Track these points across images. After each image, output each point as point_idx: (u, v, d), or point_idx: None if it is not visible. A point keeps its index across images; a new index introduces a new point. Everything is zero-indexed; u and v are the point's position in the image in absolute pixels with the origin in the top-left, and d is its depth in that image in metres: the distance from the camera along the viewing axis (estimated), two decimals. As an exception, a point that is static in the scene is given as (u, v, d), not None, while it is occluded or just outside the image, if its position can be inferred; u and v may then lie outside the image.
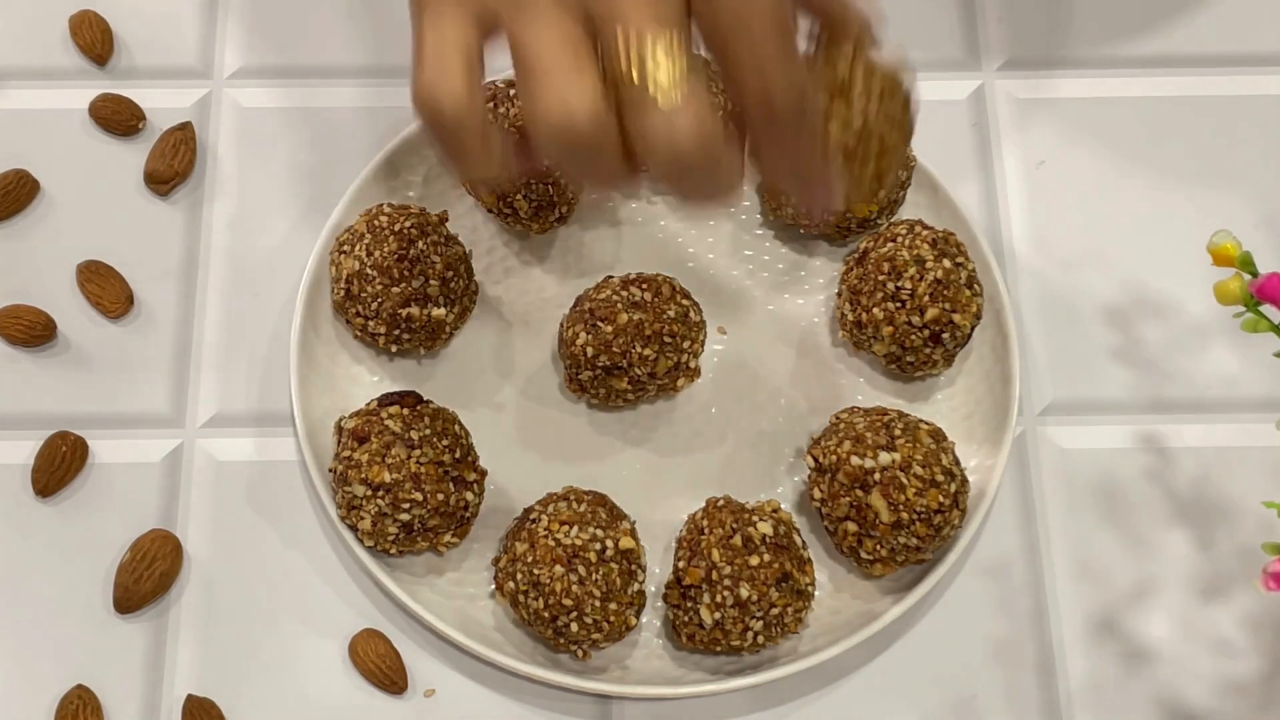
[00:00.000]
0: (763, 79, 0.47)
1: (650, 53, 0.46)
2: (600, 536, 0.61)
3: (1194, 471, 0.68)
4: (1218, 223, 0.62)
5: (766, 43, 0.47)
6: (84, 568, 0.65)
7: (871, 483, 0.61)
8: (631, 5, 0.46)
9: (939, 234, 0.67)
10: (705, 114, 0.47)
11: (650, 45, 0.46)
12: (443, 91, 0.48)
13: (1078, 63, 0.77)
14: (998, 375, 0.68)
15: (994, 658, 0.64)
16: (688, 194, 0.49)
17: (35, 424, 0.67)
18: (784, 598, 0.61)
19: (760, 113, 0.48)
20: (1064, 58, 0.77)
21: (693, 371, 0.66)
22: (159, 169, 0.72)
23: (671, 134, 0.46)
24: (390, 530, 0.62)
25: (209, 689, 0.63)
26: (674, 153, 0.47)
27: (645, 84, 0.46)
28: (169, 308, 0.70)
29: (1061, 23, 0.78)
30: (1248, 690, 0.64)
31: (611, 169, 0.48)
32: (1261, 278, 0.56)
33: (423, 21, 0.49)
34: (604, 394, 0.66)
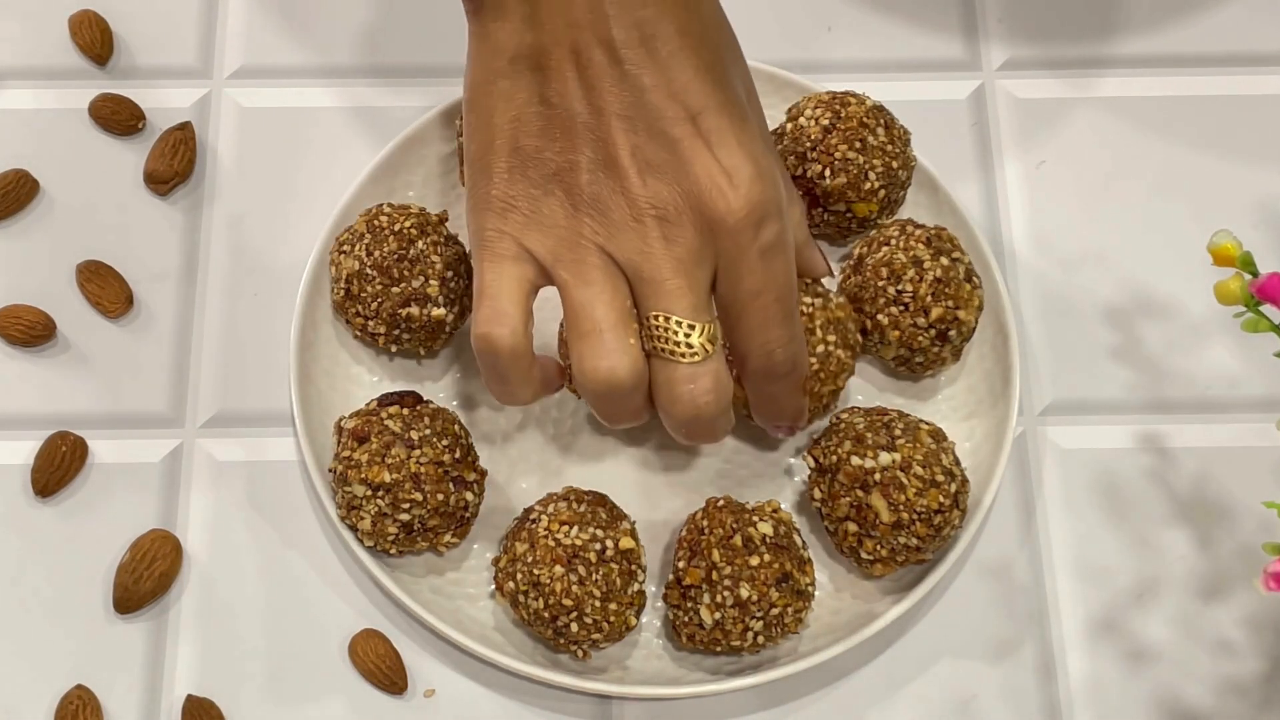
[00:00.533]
0: (767, 340, 0.56)
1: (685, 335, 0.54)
2: (600, 536, 0.61)
3: (1194, 471, 0.68)
4: (1218, 223, 0.62)
5: (774, 311, 0.56)
6: (84, 568, 0.65)
7: (872, 483, 0.61)
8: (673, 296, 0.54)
9: (931, 231, 0.67)
10: (721, 376, 0.56)
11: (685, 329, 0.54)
12: (499, 334, 0.55)
13: (1078, 63, 0.77)
14: (998, 375, 0.68)
15: (994, 658, 0.64)
16: (692, 438, 0.58)
17: (35, 424, 0.67)
18: (784, 598, 0.60)
19: (761, 369, 0.57)
20: (1064, 58, 0.77)
21: None
22: (159, 169, 0.72)
23: (693, 393, 0.55)
24: (390, 530, 0.62)
25: (209, 689, 0.63)
26: (695, 409, 0.56)
27: (678, 352, 0.55)
28: (169, 308, 0.70)
29: (1061, 23, 0.78)
30: (1248, 690, 0.64)
31: (633, 416, 0.57)
32: (1261, 278, 0.56)
33: (483, 265, 0.56)
34: None
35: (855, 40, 0.77)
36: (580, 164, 0.54)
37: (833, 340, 0.63)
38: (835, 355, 0.64)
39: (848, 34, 0.77)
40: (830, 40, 0.77)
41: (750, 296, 0.55)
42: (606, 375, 0.54)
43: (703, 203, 0.54)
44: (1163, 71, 0.76)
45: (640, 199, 0.54)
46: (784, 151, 0.69)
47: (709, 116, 0.54)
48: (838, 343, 0.64)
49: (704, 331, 0.55)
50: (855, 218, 0.69)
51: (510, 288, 0.55)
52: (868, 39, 0.77)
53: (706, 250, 0.54)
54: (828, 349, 0.63)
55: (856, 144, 0.68)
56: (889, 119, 0.69)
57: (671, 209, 0.54)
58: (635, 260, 0.54)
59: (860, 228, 0.70)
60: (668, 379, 0.55)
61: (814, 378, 0.63)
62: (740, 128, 0.55)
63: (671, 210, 0.54)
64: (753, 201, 0.54)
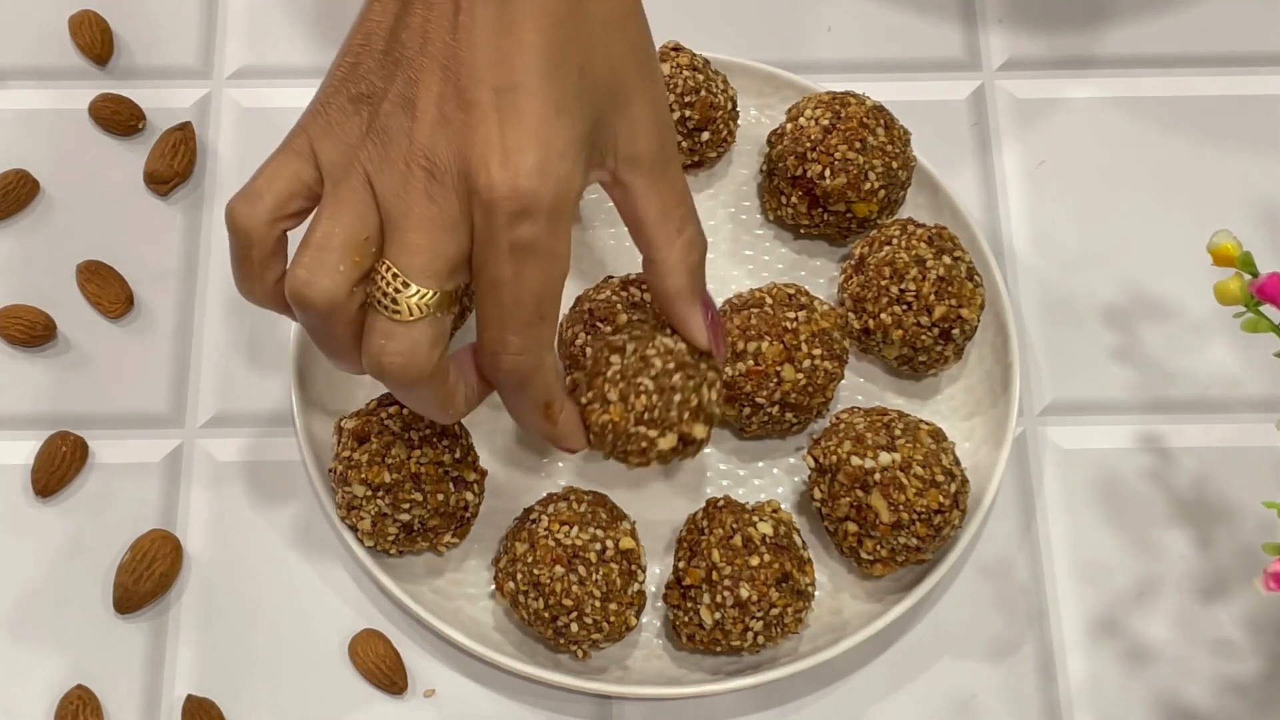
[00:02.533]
0: (494, 341, 0.55)
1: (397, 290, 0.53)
2: (600, 536, 0.61)
3: (1194, 471, 0.68)
4: (1218, 223, 0.62)
5: (511, 313, 0.54)
6: (84, 568, 0.65)
7: (871, 483, 0.61)
8: (407, 250, 0.53)
9: (932, 230, 0.67)
10: (419, 346, 0.54)
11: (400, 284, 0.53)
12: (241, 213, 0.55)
13: (1078, 63, 0.77)
14: (998, 375, 0.68)
15: (994, 658, 0.64)
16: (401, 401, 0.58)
17: (35, 424, 0.67)
18: (784, 598, 0.61)
19: (486, 367, 0.56)
20: (1064, 58, 0.77)
21: None
22: (159, 169, 0.72)
23: (381, 348, 0.54)
24: (390, 530, 0.62)
25: (209, 689, 0.63)
26: (378, 365, 0.54)
27: (384, 302, 0.53)
28: (169, 308, 0.70)
29: (1061, 23, 0.78)
30: (1248, 690, 0.64)
31: (338, 350, 0.56)
32: (1261, 278, 0.56)
33: (275, 152, 0.55)
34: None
35: (855, 40, 0.77)
36: (389, 94, 0.53)
37: (818, 353, 0.64)
38: (822, 368, 0.64)
39: (848, 34, 0.77)
40: (830, 40, 0.77)
41: (489, 287, 0.53)
42: (301, 286, 0.53)
43: (470, 171, 0.52)
44: (1163, 71, 0.77)
45: (418, 146, 0.52)
46: (784, 151, 0.69)
47: (519, 95, 0.52)
48: (823, 355, 0.64)
49: (420, 295, 0.53)
50: (855, 218, 0.69)
51: (279, 180, 0.54)
52: (868, 39, 0.77)
53: (463, 221, 0.52)
54: (814, 363, 0.63)
55: (856, 144, 0.68)
56: (889, 119, 0.69)
57: (441, 166, 0.52)
58: (390, 201, 0.53)
59: (860, 228, 0.70)
60: (368, 327, 0.54)
61: (802, 391, 0.64)
62: (549, 118, 0.52)
63: (440, 168, 0.52)
64: (518, 188, 0.51)
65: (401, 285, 0.53)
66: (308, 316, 0.54)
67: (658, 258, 0.58)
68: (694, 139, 0.70)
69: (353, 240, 0.53)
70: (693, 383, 0.59)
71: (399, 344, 0.54)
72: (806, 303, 0.65)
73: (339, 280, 0.53)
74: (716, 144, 0.71)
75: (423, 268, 0.53)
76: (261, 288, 0.56)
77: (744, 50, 0.74)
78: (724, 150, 0.72)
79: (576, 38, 0.53)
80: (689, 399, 0.58)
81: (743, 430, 0.66)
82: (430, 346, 0.54)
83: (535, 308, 0.54)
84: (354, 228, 0.53)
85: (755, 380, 0.64)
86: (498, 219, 0.52)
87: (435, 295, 0.53)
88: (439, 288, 0.53)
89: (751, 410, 0.65)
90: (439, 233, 0.52)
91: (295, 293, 0.53)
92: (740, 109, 0.73)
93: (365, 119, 0.53)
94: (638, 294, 0.65)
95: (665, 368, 0.58)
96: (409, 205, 0.52)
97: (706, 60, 0.71)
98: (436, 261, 0.53)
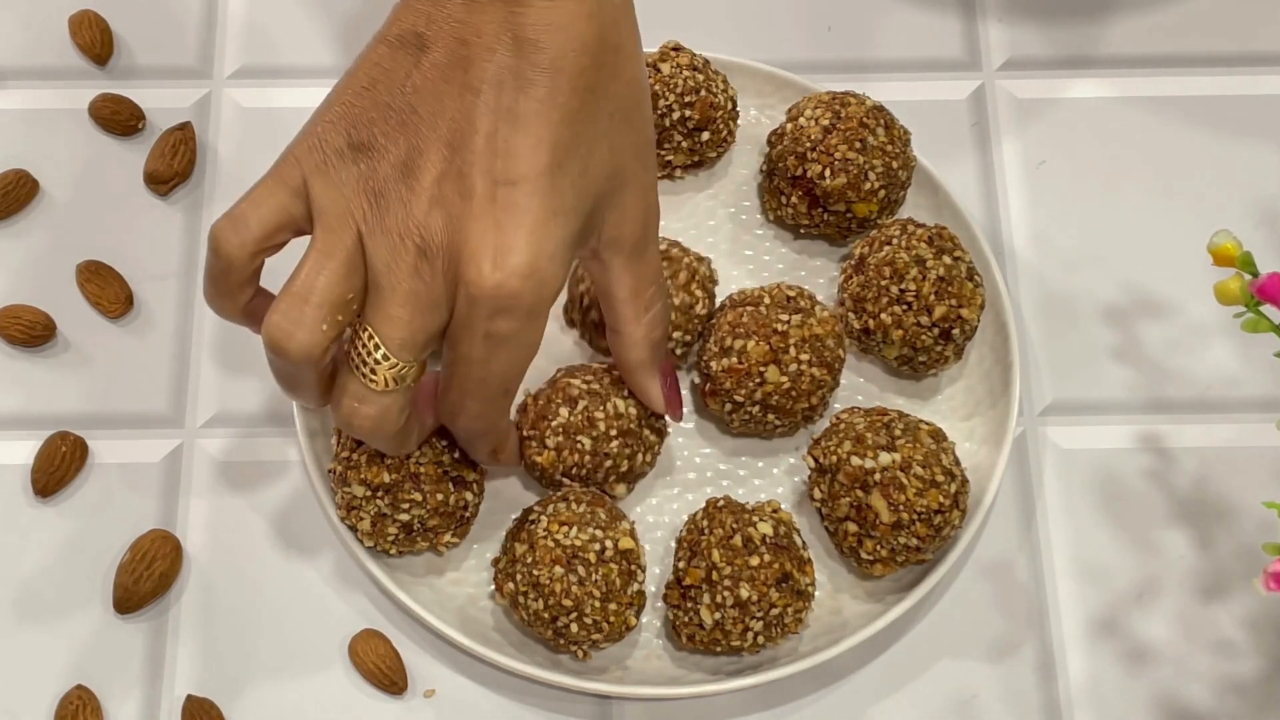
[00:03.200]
0: (455, 404, 0.57)
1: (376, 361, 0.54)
2: (600, 537, 0.61)
3: (1194, 471, 0.68)
4: (1218, 223, 0.62)
5: (477, 387, 0.56)
6: (84, 568, 0.65)
7: (872, 483, 0.61)
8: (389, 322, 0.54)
9: (932, 230, 0.67)
10: (389, 412, 0.56)
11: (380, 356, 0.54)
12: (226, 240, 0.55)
13: (1078, 63, 0.77)
14: (998, 375, 0.68)
15: (994, 658, 0.64)
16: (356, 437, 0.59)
17: (35, 424, 0.67)
18: (784, 598, 0.60)
19: (446, 420, 0.59)
20: (1064, 58, 0.77)
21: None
22: (159, 169, 0.72)
23: (355, 410, 0.56)
24: (390, 530, 0.62)
25: (209, 689, 0.63)
26: (349, 422, 0.56)
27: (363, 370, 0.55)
28: (169, 308, 0.70)
29: (1062, 23, 0.78)
30: (1248, 690, 0.64)
31: (302, 393, 0.57)
32: (1261, 278, 0.56)
33: (264, 179, 0.55)
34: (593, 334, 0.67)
35: (855, 40, 0.77)
36: (390, 156, 0.53)
37: (806, 358, 0.64)
38: (809, 374, 0.64)
39: (848, 34, 0.77)
40: (830, 40, 0.77)
41: (460, 361, 0.55)
42: (279, 337, 0.54)
43: (460, 261, 0.53)
44: (1163, 71, 0.76)
45: (414, 221, 0.53)
46: (784, 152, 0.69)
47: (519, 192, 0.53)
48: (812, 360, 0.64)
49: (397, 368, 0.54)
50: (855, 218, 0.69)
51: (267, 209, 0.55)
52: (868, 39, 0.77)
53: (445, 301, 0.54)
54: (800, 367, 0.63)
55: (856, 144, 0.68)
56: (889, 119, 0.69)
57: (433, 247, 0.53)
58: (379, 268, 0.53)
59: (860, 228, 0.70)
60: (342, 385, 0.55)
61: (785, 394, 0.64)
62: (544, 219, 0.53)
63: (432, 248, 0.53)
64: (502, 288, 0.53)
65: (381, 357, 0.54)
66: (280, 363, 0.55)
67: (624, 330, 0.61)
68: (694, 139, 0.70)
69: (338, 299, 0.54)
70: (629, 450, 0.63)
71: (371, 409, 0.55)
72: (805, 306, 0.65)
73: (319, 338, 0.54)
74: (716, 144, 0.71)
75: (402, 342, 0.54)
76: (232, 307, 0.57)
77: (744, 50, 0.74)
78: (724, 150, 0.72)
79: (584, 135, 0.54)
80: (619, 464, 0.63)
81: (728, 426, 0.66)
82: (399, 412, 0.56)
83: (500, 386, 0.56)
84: (341, 286, 0.54)
85: (735, 378, 0.64)
86: (478, 310, 0.53)
87: (409, 369, 0.55)
88: (412, 360, 0.55)
89: (732, 408, 0.65)
90: (422, 310, 0.54)
91: (274, 342, 0.54)
92: (740, 109, 0.73)
93: (363, 172, 0.54)
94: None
95: (606, 432, 0.62)
96: (397, 278, 0.53)
97: (706, 60, 0.71)
98: (417, 336, 0.54)
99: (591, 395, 0.63)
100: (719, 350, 0.64)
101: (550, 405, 0.63)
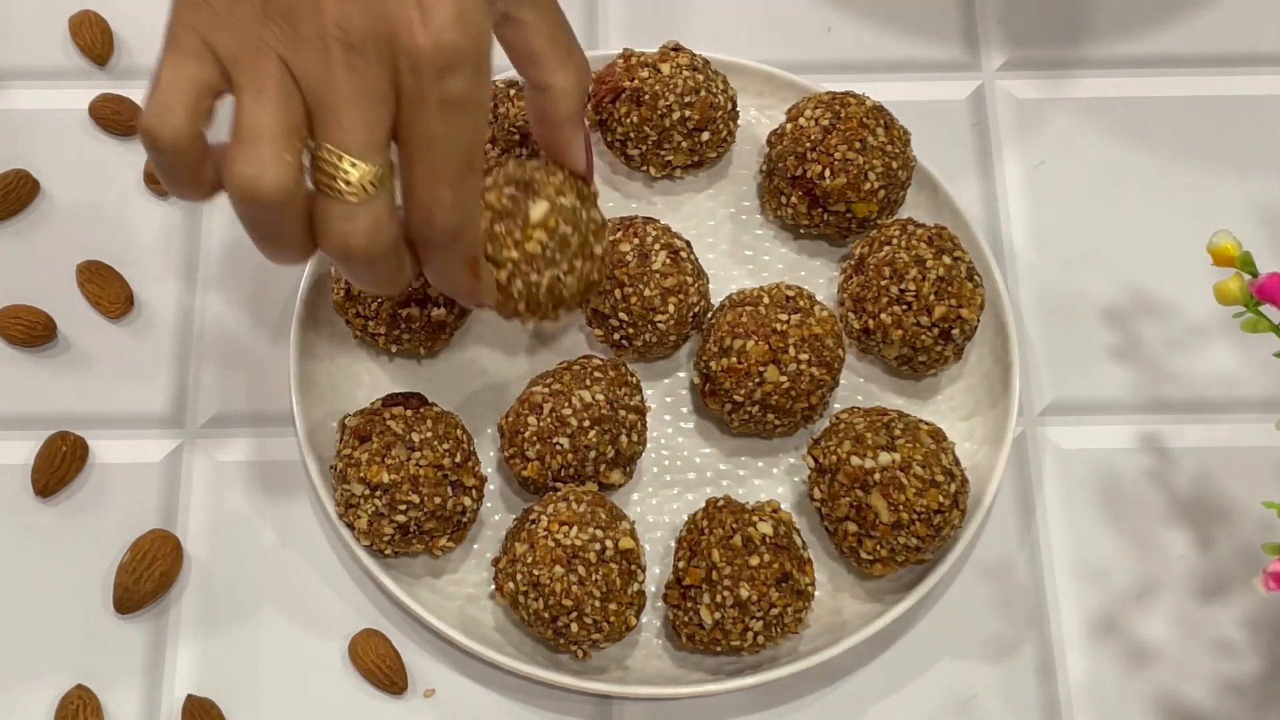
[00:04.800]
0: (428, 197, 0.54)
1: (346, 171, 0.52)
2: (600, 537, 0.61)
3: (1194, 471, 0.68)
4: (1218, 223, 0.62)
5: (444, 167, 0.53)
6: (84, 568, 0.65)
7: (871, 483, 0.61)
8: (342, 129, 0.51)
9: (932, 230, 0.67)
10: (380, 222, 0.53)
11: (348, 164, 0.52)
12: (159, 128, 0.52)
13: (1078, 63, 0.77)
14: (997, 375, 0.68)
15: (994, 658, 0.64)
16: (353, 280, 0.56)
17: (35, 424, 0.67)
18: (784, 598, 0.61)
19: (418, 225, 0.55)
20: (1064, 58, 0.77)
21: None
22: (159, 169, 0.72)
23: (345, 231, 0.53)
24: (386, 531, 0.62)
25: (209, 689, 0.63)
26: (345, 247, 0.53)
27: (336, 186, 0.52)
28: (169, 308, 0.70)
29: (1062, 23, 0.78)
30: (1248, 690, 0.64)
31: (288, 243, 0.54)
32: (1261, 278, 0.56)
33: (164, 58, 0.53)
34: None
35: (855, 40, 0.77)
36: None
37: (806, 358, 0.63)
38: (808, 373, 0.64)
39: (848, 34, 0.77)
40: (830, 40, 0.77)
41: (421, 144, 0.53)
42: (251, 183, 0.51)
43: (391, 35, 0.51)
44: (1163, 72, 0.77)
45: (330, 19, 0.51)
46: (784, 152, 0.69)
47: None
48: (812, 360, 0.64)
49: (369, 172, 0.52)
50: (855, 218, 0.69)
51: (183, 84, 0.52)
52: (868, 39, 0.77)
53: (390, 88, 0.52)
54: (799, 367, 0.63)
55: (856, 144, 0.68)
56: (889, 119, 0.69)
57: (358, 36, 0.51)
58: (313, 83, 0.51)
59: (860, 228, 0.70)
60: (324, 213, 0.53)
61: (785, 394, 0.64)
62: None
63: (358, 37, 0.51)
64: (442, 43, 0.51)
65: (349, 166, 0.52)
66: (259, 211, 0.53)
67: (553, 83, 0.59)
68: (694, 139, 0.70)
69: (286, 125, 0.52)
70: (609, 435, 0.63)
71: (361, 223, 0.53)
72: (804, 306, 0.65)
73: (287, 169, 0.52)
74: (716, 144, 0.71)
75: (364, 144, 0.52)
76: (201, 190, 0.55)
77: (744, 50, 0.74)
78: (724, 150, 0.72)
79: None
80: (604, 452, 0.63)
81: (729, 426, 0.66)
82: (389, 219, 0.53)
83: (466, 159, 0.54)
84: (283, 112, 0.52)
85: (734, 378, 0.64)
86: (426, 77, 0.51)
87: (381, 169, 0.52)
88: (382, 161, 0.52)
89: (732, 408, 0.65)
90: (371, 104, 0.52)
91: (245, 190, 0.52)
92: (740, 109, 0.73)
93: (259, 1, 0.52)
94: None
95: (580, 426, 0.62)
96: (334, 82, 0.51)
97: (706, 60, 0.71)
98: (374, 131, 0.52)
99: (555, 395, 0.63)
100: (718, 350, 0.64)
101: (520, 419, 0.63)
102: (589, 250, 0.60)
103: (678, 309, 0.66)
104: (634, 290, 0.65)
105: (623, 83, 0.69)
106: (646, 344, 0.66)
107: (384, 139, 0.52)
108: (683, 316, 0.66)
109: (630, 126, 0.70)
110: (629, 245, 0.66)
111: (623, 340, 0.67)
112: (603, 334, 0.67)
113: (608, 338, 0.67)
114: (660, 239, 0.66)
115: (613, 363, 0.65)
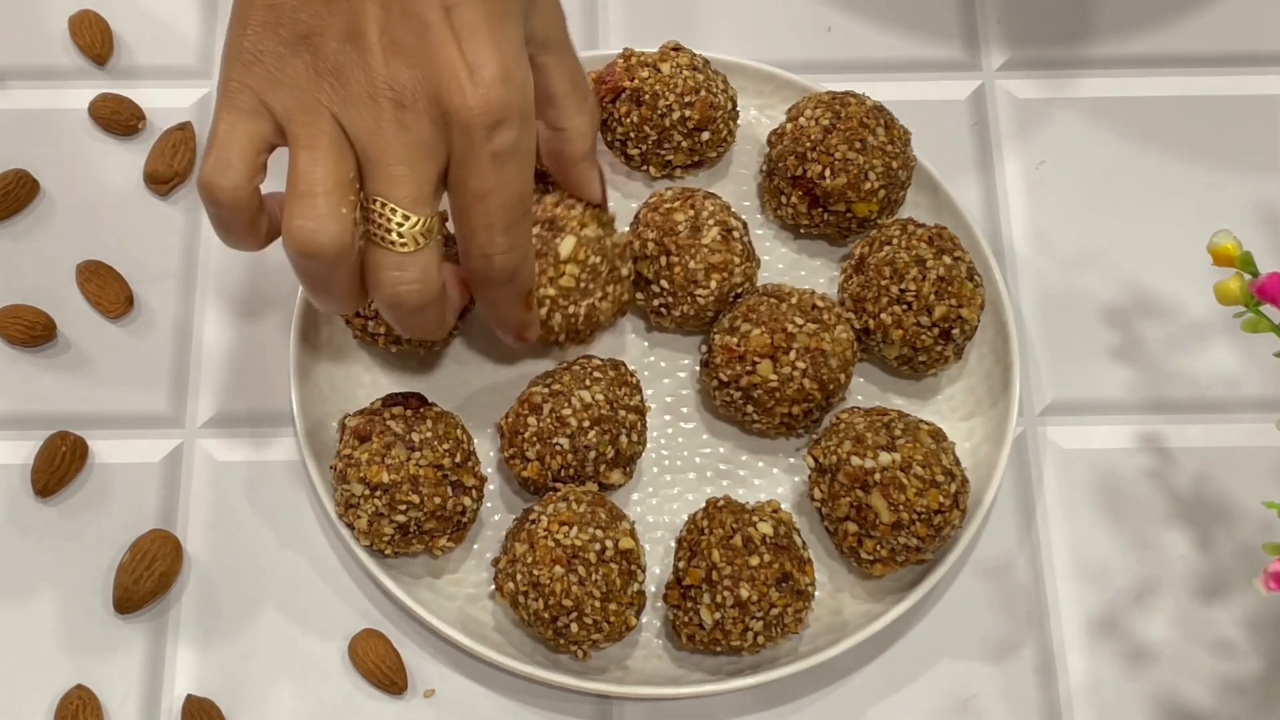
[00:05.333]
0: (485, 245, 0.56)
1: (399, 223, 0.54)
2: (600, 537, 0.61)
3: (1194, 471, 0.68)
4: (1218, 223, 0.62)
5: (499, 216, 0.55)
6: (84, 568, 0.65)
7: (871, 483, 0.61)
8: (393, 183, 0.54)
9: (933, 230, 0.67)
10: (430, 270, 0.56)
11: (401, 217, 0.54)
12: (220, 185, 0.55)
13: (1078, 63, 0.77)
14: (998, 375, 0.68)
15: (994, 658, 0.64)
16: (399, 327, 0.58)
17: (35, 424, 0.67)
18: (784, 598, 0.61)
19: (478, 271, 0.57)
20: (1064, 58, 0.77)
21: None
22: (159, 169, 0.72)
23: (396, 280, 0.55)
24: (386, 531, 0.62)
25: (209, 689, 0.63)
26: (396, 295, 0.56)
27: (389, 239, 0.54)
28: (169, 308, 0.70)
29: (1062, 23, 0.78)
30: (1248, 690, 0.64)
31: (340, 293, 0.56)
32: (1261, 278, 0.56)
33: (220, 115, 0.55)
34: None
35: (855, 40, 0.77)
36: (330, 31, 0.53)
37: (802, 367, 0.64)
38: (798, 382, 0.64)
39: (848, 34, 0.77)
40: (830, 40, 0.77)
41: (475, 198, 0.55)
42: (309, 237, 0.53)
43: (441, 94, 0.53)
44: (1163, 71, 0.76)
45: (379, 78, 0.53)
46: (784, 151, 0.69)
47: (465, 9, 0.53)
48: (806, 372, 0.64)
49: (420, 223, 0.54)
50: (855, 218, 0.69)
51: (241, 141, 0.54)
52: (868, 39, 0.77)
53: (439, 143, 0.54)
54: (792, 372, 0.64)
55: (856, 144, 0.68)
56: (889, 119, 0.69)
57: (408, 94, 0.53)
58: (364, 138, 0.53)
59: (860, 228, 0.70)
60: (376, 263, 0.55)
61: (770, 393, 0.64)
62: (496, 26, 0.54)
63: (408, 96, 0.53)
64: (491, 101, 0.53)
65: (401, 219, 0.54)
66: (315, 264, 0.55)
67: (570, 125, 0.61)
68: (694, 139, 0.70)
69: (341, 181, 0.54)
70: (609, 435, 0.63)
71: (412, 272, 0.55)
72: (826, 320, 0.65)
73: (343, 223, 0.54)
74: (716, 144, 0.71)
75: (413, 197, 0.54)
76: (256, 240, 0.57)
77: (744, 50, 0.74)
78: (724, 150, 0.72)
79: None
80: (604, 452, 0.63)
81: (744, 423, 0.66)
82: (438, 269, 0.56)
83: (519, 205, 0.56)
84: (339, 167, 0.54)
85: (728, 357, 0.64)
86: (476, 134, 0.53)
87: (431, 220, 0.55)
88: (431, 213, 0.54)
89: (717, 385, 0.65)
90: (421, 159, 0.54)
91: (304, 243, 0.54)
92: (740, 109, 0.73)
93: (309, 60, 0.54)
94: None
95: (580, 426, 0.62)
96: (386, 139, 0.53)
97: (706, 60, 0.71)
98: (424, 186, 0.54)
99: (555, 396, 0.63)
100: (727, 328, 0.65)
101: (519, 420, 0.63)
102: (616, 274, 0.64)
103: (719, 286, 0.66)
104: (679, 261, 0.66)
105: (623, 82, 0.69)
106: (684, 315, 0.67)
107: (433, 191, 0.55)
108: (723, 295, 0.66)
109: (630, 126, 0.70)
110: (683, 216, 0.66)
111: (661, 308, 0.67)
112: (644, 299, 0.67)
113: (648, 303, 0.67)
114: (716, 215, 0.67)
115: (612, 363, 0.65)
